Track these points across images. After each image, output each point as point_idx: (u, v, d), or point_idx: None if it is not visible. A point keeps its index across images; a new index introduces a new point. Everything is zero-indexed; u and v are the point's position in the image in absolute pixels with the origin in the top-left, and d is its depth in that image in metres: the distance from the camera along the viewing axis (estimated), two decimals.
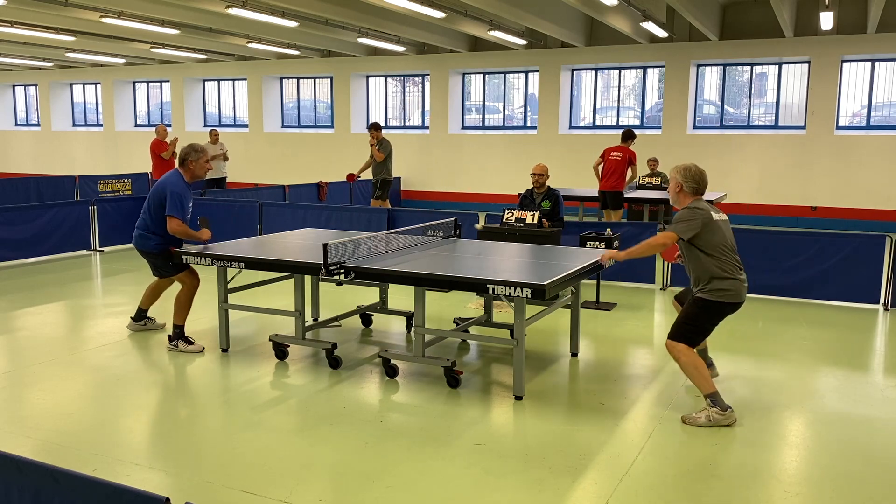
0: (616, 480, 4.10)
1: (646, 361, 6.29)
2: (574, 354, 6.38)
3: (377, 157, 12.76)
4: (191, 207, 6.48)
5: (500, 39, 15.28)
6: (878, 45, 14.19)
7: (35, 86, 24.52)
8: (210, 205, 11.82)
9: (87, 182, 16.21)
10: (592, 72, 17.31)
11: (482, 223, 9.09)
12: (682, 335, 4.95)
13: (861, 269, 8.23)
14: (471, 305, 8.08)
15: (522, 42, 15.75)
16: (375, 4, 12.23)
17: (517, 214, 8.10)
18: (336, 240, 5.73)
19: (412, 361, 5.93)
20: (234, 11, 12.46)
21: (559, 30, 14.62)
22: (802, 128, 15.23)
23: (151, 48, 17.58)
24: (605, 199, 11.82)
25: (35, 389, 5.48)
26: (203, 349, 6.42)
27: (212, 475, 4.14)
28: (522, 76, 18.08)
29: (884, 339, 7.19)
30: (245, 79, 20.71)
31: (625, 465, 4.28)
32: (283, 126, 20.88)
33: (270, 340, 6.27)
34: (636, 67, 16.91)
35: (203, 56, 19.52)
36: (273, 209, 11.70)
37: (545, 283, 4.91)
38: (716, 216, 4.99)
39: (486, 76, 18.34)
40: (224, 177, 15.86)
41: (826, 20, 12.92)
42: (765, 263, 8.54)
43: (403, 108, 19.62)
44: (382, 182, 12.92)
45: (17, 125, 25.66)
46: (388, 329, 7.29)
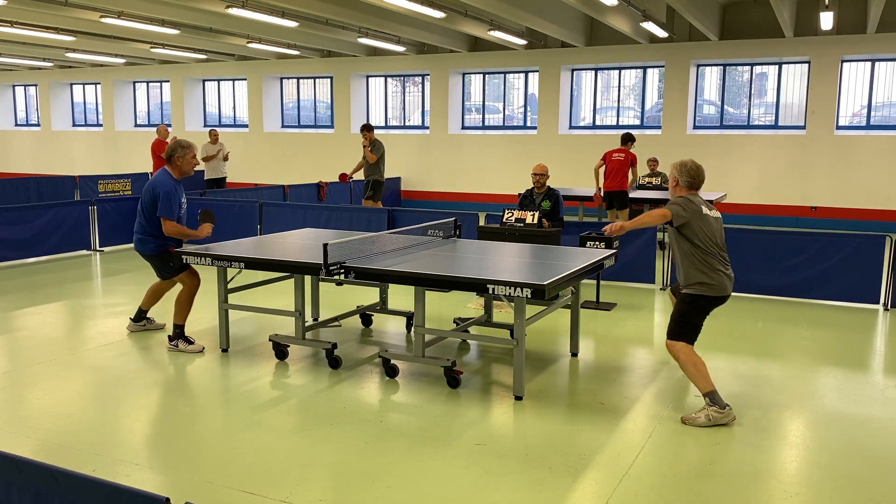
0: (616, 480, 4.10)
1: (646, 361, 6.29)
2: (574, 354, 6.38)
3: (369, 159, 12.81)
4: (185, 203, 6.49)
5: (500, 39, 15.28)
6: (878, 45, 14.19)
7: (35, 86, 24.52)
8: (210, 205, 11.82)
9: (87, 182, 16.21)
10: (592, 72, 17.31)
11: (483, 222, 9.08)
12: (678, 333, 5.02)
13: (861, 269, 8.23)
14: (471, 305, 8.08)
15: (522, 42, 15.75)
16: (375, 4, 12.23)
17: (517, 214, 8.10)
18: (336, 240, 5.73)
19: (412, 361, 5.93)
20: (234, 11, 12.46)
21: (559, 30, 14.62)
22: (802, 128, 15.23)
23: (151, 48, 17.58)
24: (611, 199, 11.92)
25: (35, 389, 5.48)
26: (203, 349, 6.42)
27: (212, 475, 4.14)
28: (522, 76, 18.08)
29: (884, 339, 7.19)
30: (245, 79, 20.71)
31: (625, 465, 4.28)
32: (283, 126, 20.88)
33: (270, 340, 6.27)
34: (636, 67, 16.90)
35: (203, 56, 19.52)
36: (273, 209, 11.70)
37: (545, 283, 4.91)
38: (707, 211, 5.06)
39: (486, 76, 18.34)
40: (224, 177, 15.88)
41: (826, 20, 12.92)
42: (765, 263, 8.55)
43: (403, 108, 19.62)
44: (374, 183, 12.97)
45: (17, 125, 25.66)
46: (388, 329, 7.29)
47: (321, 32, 14.69)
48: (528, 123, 18.10)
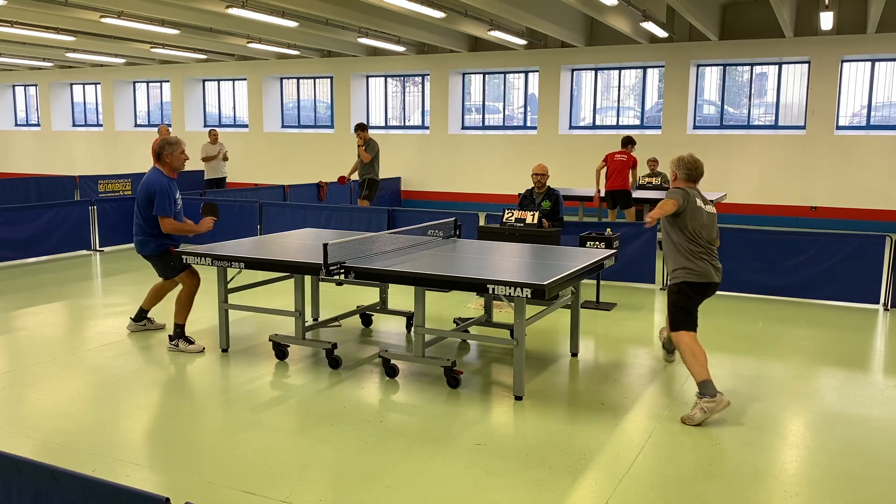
0: (616, 480, 4.10)
1: (646, 361, 6.29)
2: (574, 354, 6.38)
3: (364, 158, 12.85)
4: (180, 199, 6.50)
5: (500, 39, 15.28)
6: (878, 45, 14.18)
7: (35, 86, 24.52)
8: None
9: (87, 182, 16.21)
10: (592, 72, 17.31)
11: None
12: (677, 323, 5.19)
13: (861, 269, 8.23)
14: (471, 305, 8.08)
15: (522, 42, 15.74)
16: (375, 4, 12.23)
17: (517, 214, 8.10)
18: (336, 240, 5.74)
19: (412, 361, 5.93)
20: (234, 11, 12.46)
21: (559, 30, 14.62)
22: (802, 128, 15.23)
23: (151, 48, 17.57)
24: (615, 199, 12.01)
25: (35, 389, 5.48)
26: (203, 349, 6.42)
27: (212, 475, 4.14)
28: (522, 76, 18.07)
29: (884, 339, 7.19)
30: (245, 79, 20.71)
31: (625, 465, 4.28)
32: (283, 126, 20.88)
33: (270, 340, 6.27)
34: (636, 67, 16.90)
35: (203, 56, 19.52)
36: (273, 209, 11.70)
37: (545, 283, 4.91)
38: (702, 204, 5.23)
39: (486, 76, 18.33)
40: (224, 177, 15.88)
41: (826, 20, 12.92)
42: (765, 263, 8.55)
43: (403, 108, 19.62)
44: (370, 182, 13.03)
45: (17, 125, 25.66)
46: (388, 329, 7.29)
47: (321, 32, 14.69)
48: (528, 123, 18.10)
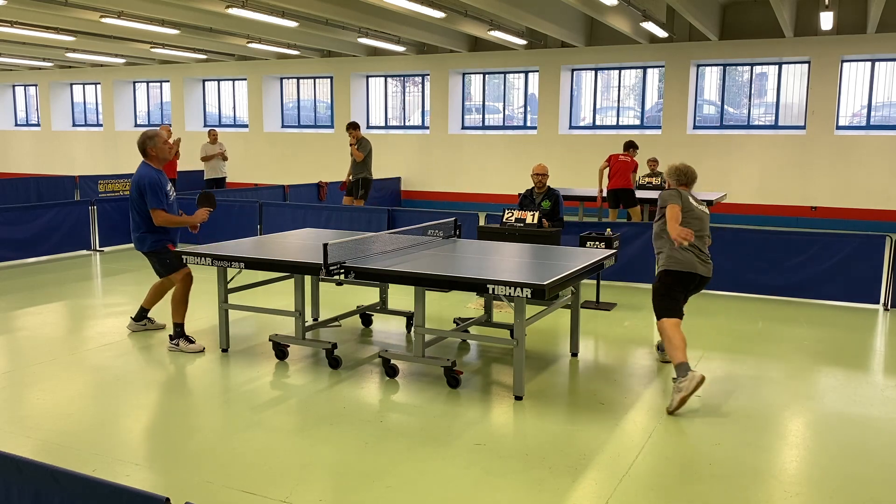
0: (616, 480, 4.10)
1: (646, 361, 6.29)
2: (574, 354, 6.38)
3: (356, 157, 12.83)
4: (172, 191, 6.51)
5: (500, 39, 15.28)
6: (878, 45, 14.18)
7: (35, 86, 24.52)
8: None
9: (87, 182, 16.21)
10: (592, 72, 17.31)
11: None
12: (659, 310, 5.44)
13: (861, 269, 8.23)
14: (471, 305, 8.08)
15: (522, 42, 15.75)
16: (375, 4, 12.23)
17: (517, 214, 8.10)
18: (336, 240, 5.74)
19: (412, 361, 5.93)
20: (234, 11, 12.46)
21: (559, 30, 14.62)
22: (802, 128, 15.23)
23: (151, 48, 17.58)
24: (618, 198, 12.12)
25: (35, 389, 5.48)
26: (203, 349, 6.42)
27: (212, 475, 4.14)
28: (522, 76, 18.07)
29: (884, 339, 7.19)
30: (245, 79, 20.71)
31: (625, 465, 4.28)
32: (283, 126, 20.88)
33: (270, 340, 6.27)
34: (636, 67, 16.90)
35: (203, 56, 19.52)
36: (273, 209, 11.70)
37: (545, 283, 4.91)
38: (695, 204, 5.58)
39: (486, 76, 18.34)
40: (224, 177, 15.89)
41: (826, 20, 12.92)
42: (765, 263, 8.55)
43: (403, 108, 19.62)
44: (363, 181, 13.00)
45: (17, 125, 25.66)
46: (388, 329, 7.29)
47: (321, 32, 14.69)
48: (528, 123, 18.10)
